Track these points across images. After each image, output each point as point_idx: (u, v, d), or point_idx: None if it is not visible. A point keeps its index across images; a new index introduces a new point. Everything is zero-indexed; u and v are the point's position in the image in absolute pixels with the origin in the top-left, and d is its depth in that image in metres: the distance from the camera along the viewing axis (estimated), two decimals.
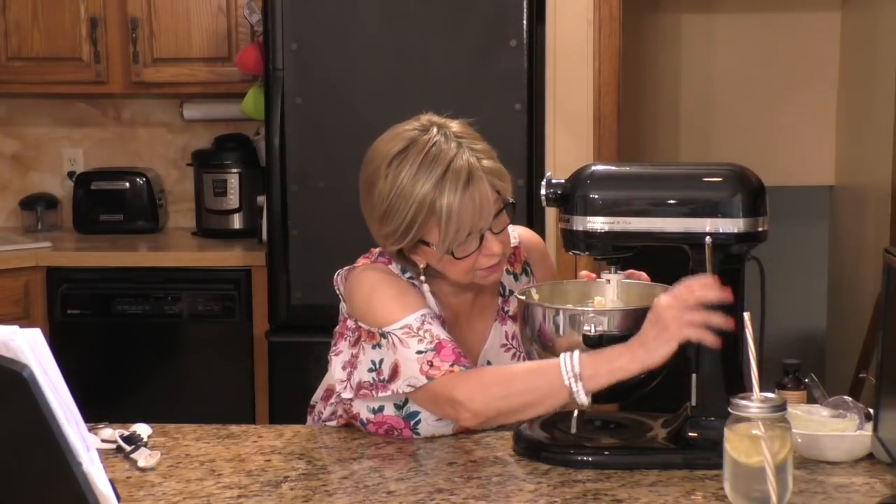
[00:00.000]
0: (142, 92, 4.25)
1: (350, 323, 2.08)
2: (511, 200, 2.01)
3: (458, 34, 3.49)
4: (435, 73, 3.49)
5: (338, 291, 2.13)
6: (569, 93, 3.58)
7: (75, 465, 1.35)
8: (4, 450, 1.42)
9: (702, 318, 1.80)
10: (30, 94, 4.38)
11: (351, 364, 2.07)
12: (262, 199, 3.88)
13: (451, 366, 1.94)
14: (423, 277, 2.05)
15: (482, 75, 3.48)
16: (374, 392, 2.02)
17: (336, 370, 2.09)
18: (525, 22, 3.47)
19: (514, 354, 2.15)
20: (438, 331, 1.98)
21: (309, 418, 2.24)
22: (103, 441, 1.95)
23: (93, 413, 1.74)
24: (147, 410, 2.80)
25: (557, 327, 1.91)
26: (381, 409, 2.04)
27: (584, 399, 1.85)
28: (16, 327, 1.40)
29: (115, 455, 1.91)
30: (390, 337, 1.99)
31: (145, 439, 1.96)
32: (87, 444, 1.41)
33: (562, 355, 1.86)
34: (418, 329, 1.97)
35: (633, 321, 1.87)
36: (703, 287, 1.82)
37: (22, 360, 1.35)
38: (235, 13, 4.11)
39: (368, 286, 2.04)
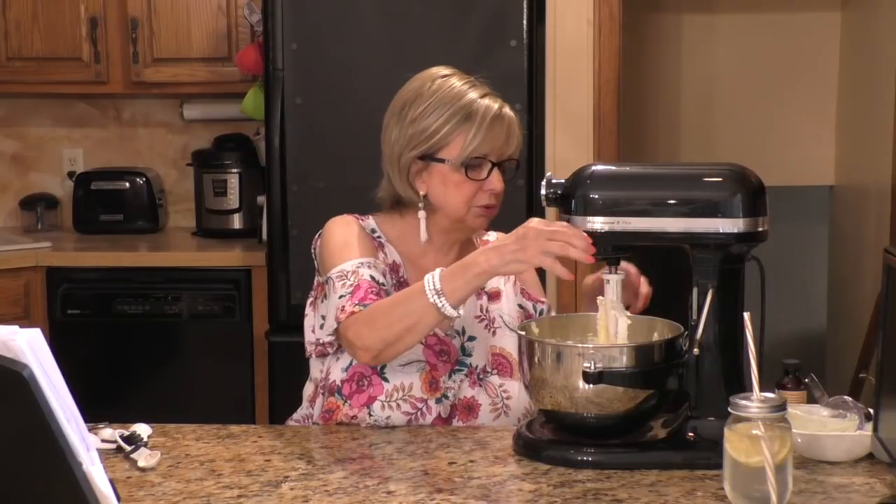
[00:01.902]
0: (142, 92, 4.25)
1: (315, 281, 2.21)
2: (517, 158, 2.17)
3: (458, 34, 3.49)
4: None
5: (313, 253, 2.23)
6: (569, 93, 3.58)
7: (75, 465, 1.35)
8: (4, 450, 1.42)
9: (559, 249, 1.85)
10: (30, 94, 4.38)
11: (315, 327, 2.18)
12: (262, 199, 3.88)
13: (356, 307, 2.02)
14: (421, 204, 2.15)
15: (482, 75, 3.48)
16: (329, 348, 2.13)
17: (307, 334, 2.20)
18: (525, 22, 3.47)
19: (486, 325, 2.21)
20: (368, 273, 2.07)
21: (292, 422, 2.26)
22: (103, 441, 1.94)
23: (93, 413, 1.74)
24: (147, 410, 2.79)
25: (557, 364, 1.87)
26: (350, 363, 2.11)
27: (451, 312, 1.94)
28: (16, 327, 1.40)
29: (115, 455, 1.91)
30: (330, 282, 2.10)
31: (145, 439, 1.95)
32: (87, 444, 1.41)
33: (427, 275, 1.95)
34: (349, 273, 2.07)
35: (633, 358, 1.85)
36: (575, 235, 1.85)
37: (22, 360, 1.35)
38: (235, 13, 4.11)
39: (327, 234, 2.18)
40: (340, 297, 2.05)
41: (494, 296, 2.24)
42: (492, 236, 2.31)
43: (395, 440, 2.00)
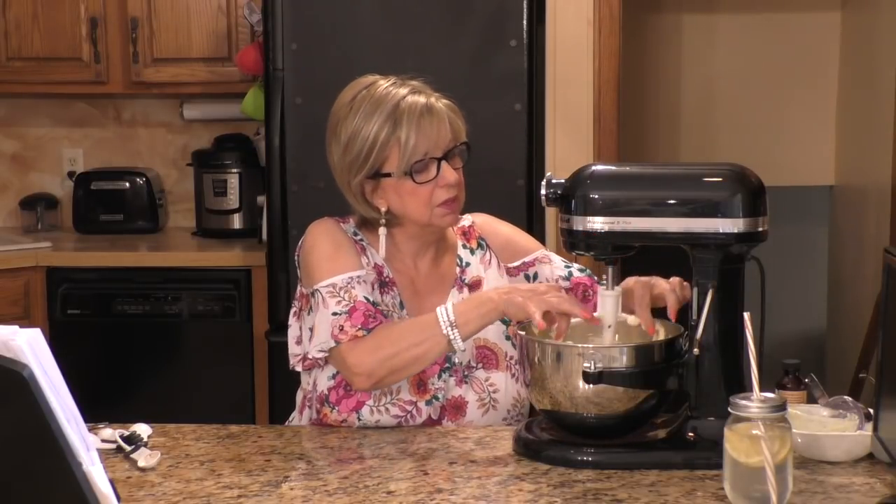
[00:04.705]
0: (142, 92, 4.25)
1: (297, 292, 2.20)
2: (465, 141, 2.14)
3: (458, 34, 3.49)
4: (435, 73, 3.44)
5: (296, 262, 2.22)
6: (569, 93, 3.58)
7: (75, 465, 1.35)
8: (4, 450, 1.42)
9: (556, 304, 1.94)
10: (30, 94, 4.37)
11: (300, 339, 2.17)
12: (262, 199, 3.88)
13: (358, 330, 2.03)
14: (383, 221, 2.14)
15: (482, 75, 3.48)
16: (318, 363, 2.11)
17: (291, 346, 2.19)
18: (525, 22, 3.47)
19: None
20: (361, 293, 2.07)
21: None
22: (103, 441, 1.94)
23: (93, 413, 1.74)
24: (147, 410, 2.79)
25: (557, 364, 1.88)
26: (337, 371, 2.10)
27: (460, 345, 2.00)
28: (16, 327, 1.40)
29: (115, 455, 1.91)
30: (317, 295, 2.08)
31: (145, 439, 1.95)
32: (87, 444, 1.41)
33: (438, 308, 2.00)
34: (340, 289, 2.07)
35: (633, 358, 1.86)
36: (571, 305, 1.95)
37: (22, 360, 1.35)
38: (235, 13, 4.11)
39: (310, 242, 2.16)
40: (335, 314, 2.05)
41: (475, 286, 2.22)
42: (467, 220, 2.28)
43: (395, 440, 2.00)
